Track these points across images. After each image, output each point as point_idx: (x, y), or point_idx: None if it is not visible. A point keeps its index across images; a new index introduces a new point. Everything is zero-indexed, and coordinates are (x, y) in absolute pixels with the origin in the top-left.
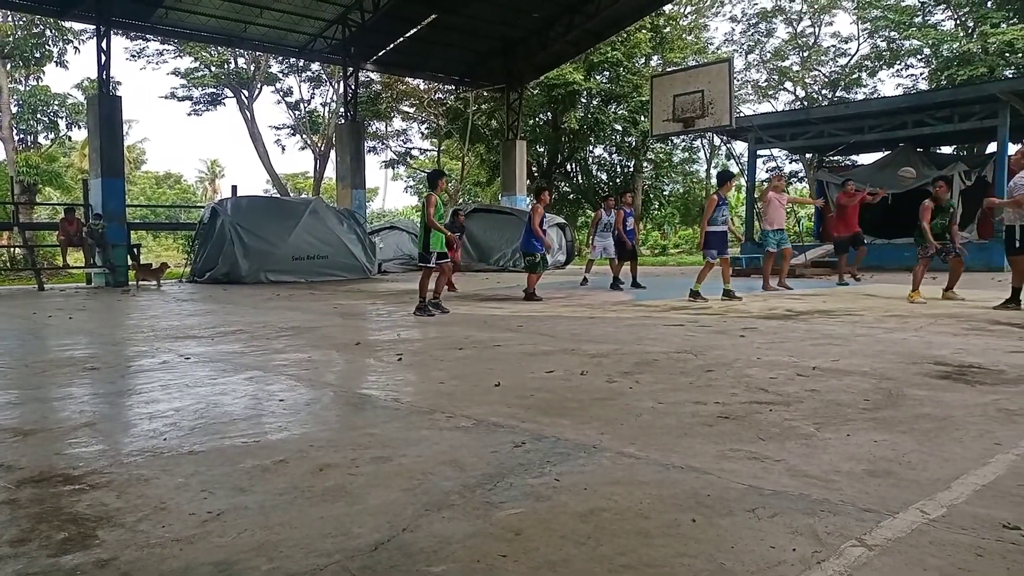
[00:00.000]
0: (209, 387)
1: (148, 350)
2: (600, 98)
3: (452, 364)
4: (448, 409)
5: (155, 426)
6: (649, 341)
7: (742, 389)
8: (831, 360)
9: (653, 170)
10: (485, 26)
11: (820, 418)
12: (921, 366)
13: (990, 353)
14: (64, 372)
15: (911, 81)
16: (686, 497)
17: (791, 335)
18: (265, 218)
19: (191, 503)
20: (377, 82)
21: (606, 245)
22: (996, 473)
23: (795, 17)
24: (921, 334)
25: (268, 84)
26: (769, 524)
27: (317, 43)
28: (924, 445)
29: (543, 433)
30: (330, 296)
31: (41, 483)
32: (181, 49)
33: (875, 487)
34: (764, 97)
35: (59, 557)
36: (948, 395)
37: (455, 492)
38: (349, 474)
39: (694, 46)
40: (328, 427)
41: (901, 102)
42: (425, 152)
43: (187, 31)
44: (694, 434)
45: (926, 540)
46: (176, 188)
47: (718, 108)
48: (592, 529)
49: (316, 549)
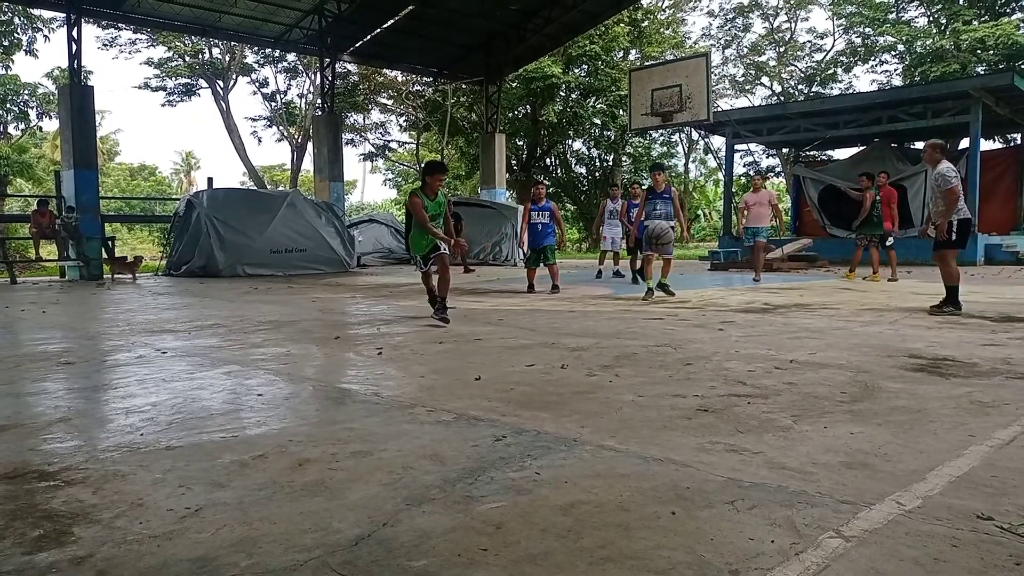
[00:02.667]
0: (186, 382)
1: (124, 344)
2: (579, 92)
3: (432, 358)
4: (428, 403)
5: (131, 421)
6: (629, 335)
7: (721, 382)
8: (808, 353)
9: (632, 164)
10: (463, 18)
11: (798, 411)
12: (896, 359)
13: (963, 346)
14: (38, 367)
15: (885, 77)
16: (666, 490)
17: (769, 328)
18: (242, 211)
19: (168, 499)
20: (355, 73)
21: (614, 236)
22: (970, 464)
23: (771, 12)
24: (896, 327)
25: (243, 75)
26: (748, 516)
27: (293, 33)
28: (899, 437)
29: (524, 427)
30: (308, 289)
31: (15, 479)
32: (154, 38)
33: (852, 479)
34: (741, 92)
35: (34, 554)
36: (923, 387)
37: (436, 486)
38: (329, 469)
39: (672, 40)
40: (307, 422)
41: (876, 98)
42: (404, 145)
43: (160, 20)
44: (674, 427)
45: (902, 531)
46: (151, 180)
47: (696, 102)
48: (573, 522)
49: (296, 544)
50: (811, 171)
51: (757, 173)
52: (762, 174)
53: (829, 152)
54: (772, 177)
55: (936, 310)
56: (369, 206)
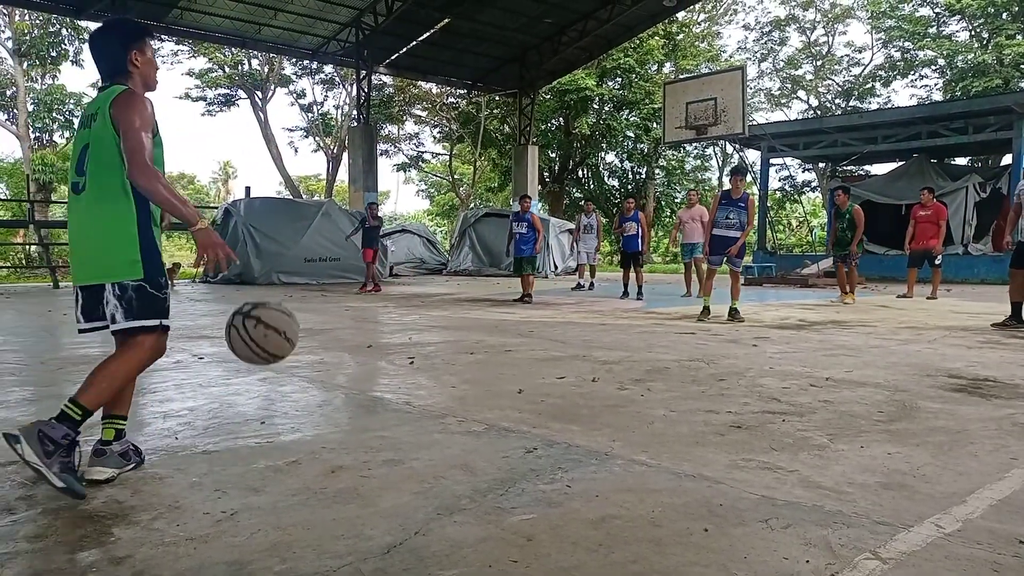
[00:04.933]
0: (222, 387)
1: None
2: (612, 104)
3: (463, 368)
4: (459, 413)
5: (169, 425)
6: (660, 349)
7: (755, 398)
8: (844, 371)
9: (665, 177)
10: (498, 31)
11: (833, 429)
12: (935, 379)
13: (1005, 367)
14: (79, 370)
15: (925, 92)
16: (698, 506)
17: (804, 345)
18: (278, 219)
19: (205, 502)
20: (390, 85)
21: (588, 250)
22: (1012, 488)
23: (808, 26)
24: (935, 346)
25: (281, 86)
26: (782, 535)
27: (330, 45)
28: (939, 458)
29: (554, 439)
30: (341, 298)
31: None
32: (195, 50)
33: (889, 500)
34: (777, 105)
35: (75, 554)
36: (963, 408)
37: (467, 496)
38: (361, 476)
39: (707, 53)
40: (340, 429)
41: (915, 112)
42: (437, 156)
43: (201, 32)
44: (706, 443)
45: (941, 554)
46: (189, 188)
47: (731, 116)
48: (604, 536)
49: (328, 551)
50: (848, 186)
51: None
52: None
53: (867, 167)
54: (808, 192)
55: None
56: (402, 216)
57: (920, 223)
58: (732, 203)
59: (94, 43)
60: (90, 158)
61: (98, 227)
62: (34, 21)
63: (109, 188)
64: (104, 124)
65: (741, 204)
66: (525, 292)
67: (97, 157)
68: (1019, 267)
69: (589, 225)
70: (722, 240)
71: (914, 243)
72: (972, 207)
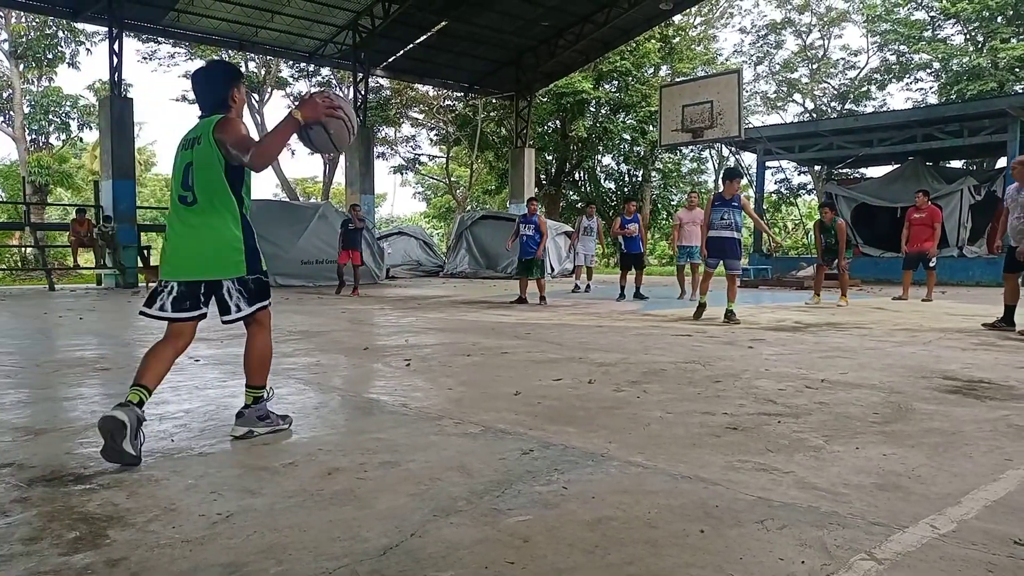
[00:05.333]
0: (219, 389)
1: None
2: (609, 107)
3: (460, 370)
4: (456, 415)
5: (165, 427)
6: (656, 351)
7: (750, 400)
8: (840, 373)
9: (661, 180)
10: (495, 34)
11: (829, 430)
12: (930, 380)
13: (1000, 368)
14: (75, 372)
15: (921, 95)
16: (694, 507)
17: (799, 347)
18: (274, 222)
19: (201, 504)
20: (387, 88)
21: (587, 252)
22: (1007, 489)
23: (804, 29)
24: (930, 348)
25: (278, 88)
26: (778, 536)
27: (327, 48)
28: (934, 459)
29: (551, 441)
30: (338, 300)
31: (52, 482)
32: (192, 52)
33: (884, 501)
34: (773, 109)
35: (70, 556)
36: (958, 410)
37: (463, 498)
38: (357, 478)
39: (703, 57)
40: (336, 431)
41: (910, 116)
42: (434, 159)
43: (198, 34)
44: (702, 444)
45: (936, 555)
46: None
47: (727, 119)
48: (600, 538)
49: (325, 552)
50: (844, 189)
51: (691, 193)
52: (694, 194)
53: (862, 170)
54: (803, 195)
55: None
56: (399, 219)
57: (915, 225)
58: (726, 204)
59: (199, 80)
60: (196, 176)
61: (212, 234)
62: (30, 23)
63: (218, 203)
64: (208, 145)
65: (735, 204)
66: (540, 295)
67: (204, 176)
68: (1011, 271)
69: (589, 227)
70: (718, 242)
71: (909, 245)
72: (967, 210)
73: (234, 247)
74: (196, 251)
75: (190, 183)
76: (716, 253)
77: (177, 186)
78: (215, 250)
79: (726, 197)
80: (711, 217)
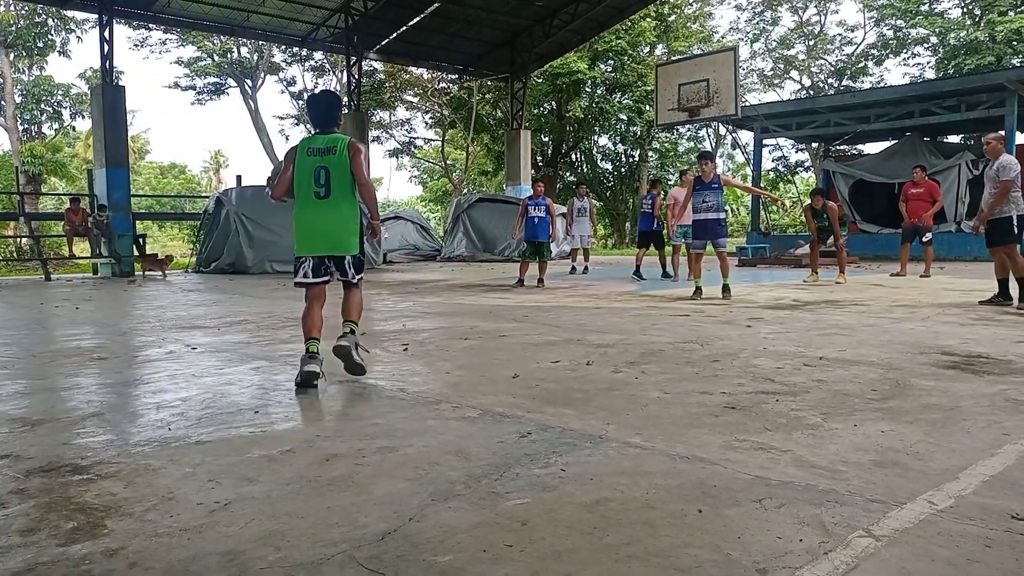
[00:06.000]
0: (216, 377)
1: (154, 340)
2: (605, 87)
3: (458, 354)
4: (454, 399)
5: (162, 416)
6: (655, 331)
7: (748, 379)
8: (838, 350)
9: (658, 159)
10: (488, 15)
11: (827, 408)
12: (928, 356)
13: (998, 343)
14: (71, 362)
15: (918, 70)
16: (692, 487)
17: (797, 325)
18: (270, 209)
19: (198, 493)
20: (380, 71)
21: (582, 233)
22: (1005, 464)
23: (801, 6)
24: (928, 324)
25: (271, 73)
26: (776, 514)
27: (320, 32)
28: (931, 435)
29: (549, 423)
30: (335, 286)
31: (50, 473)
32: (184, 38)
33: (882, 477)
34: (770, 86)
35: (68, 546)
36: (956, 385)
37: (461, 482)
38: (355, 464)
39: (699, 35)
40: (334, 417)
41: (908, 91)
42: (429, 142)
43: (189, 20)
44: (700, 424)
45: (934, 531)
46: (180, 178)
47: (723, 97)
48: (598, 519)
49: (323, 539)
50: (841, 166)
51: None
52: (688, 172)
53: (860, 146)
54: (801, 172)
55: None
56: (395, 203)
57: (912, 200)
58: (706, 187)
59: (320, 104)
60: (333, 177)
61: (345, 222)
62: (19, 12)
63: (350, 198)
64: (343, 155)
65: (715, 186)
66: (540, 277)
67: (340, 177)
68: (993, 245)
69: (583, 208)
70: (703, 224)
71: (907, 220)
72: (965, 184)
73: (355, 232)
74: (338, 235)
75: (323, 182)
76: (702, 235)
77: (312, 184)
78: (346, 233)
79: (705, 180)
80: (693, 201)
